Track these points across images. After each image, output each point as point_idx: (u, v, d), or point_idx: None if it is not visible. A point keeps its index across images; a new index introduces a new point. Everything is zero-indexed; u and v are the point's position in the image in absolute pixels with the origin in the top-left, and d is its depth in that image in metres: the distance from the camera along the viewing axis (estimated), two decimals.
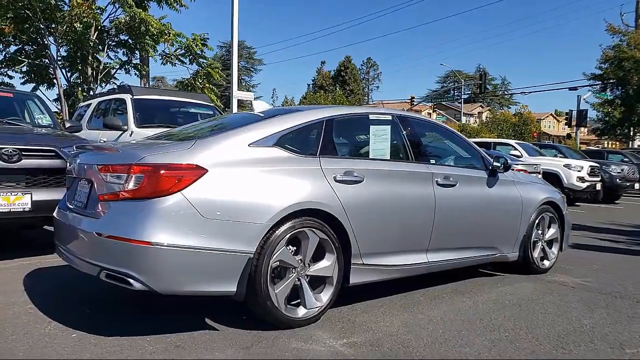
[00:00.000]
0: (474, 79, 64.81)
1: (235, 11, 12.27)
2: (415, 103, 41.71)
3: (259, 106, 3.81)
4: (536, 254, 4.64)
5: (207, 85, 14.40)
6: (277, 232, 2.89)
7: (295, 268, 3.03)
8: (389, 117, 3.80)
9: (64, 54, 13.84)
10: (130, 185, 2.68)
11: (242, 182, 2.84)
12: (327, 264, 3.15)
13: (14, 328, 2.94)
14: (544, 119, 69.03)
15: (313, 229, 3.05)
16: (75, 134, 5.84)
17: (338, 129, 3.46)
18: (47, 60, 13.66)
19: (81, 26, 12.36)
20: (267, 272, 2.86)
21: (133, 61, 14.55)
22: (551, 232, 4.83)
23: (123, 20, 13.00)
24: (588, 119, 32.93)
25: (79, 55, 13.37)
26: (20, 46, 13.87)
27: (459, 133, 4.42)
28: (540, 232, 4.70)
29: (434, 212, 3.72)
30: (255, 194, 2.85)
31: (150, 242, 2.56)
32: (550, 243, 4.84)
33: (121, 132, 6.93)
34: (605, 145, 42.02)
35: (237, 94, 12.41)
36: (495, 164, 4.27)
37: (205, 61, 14.68)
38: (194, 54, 14.28)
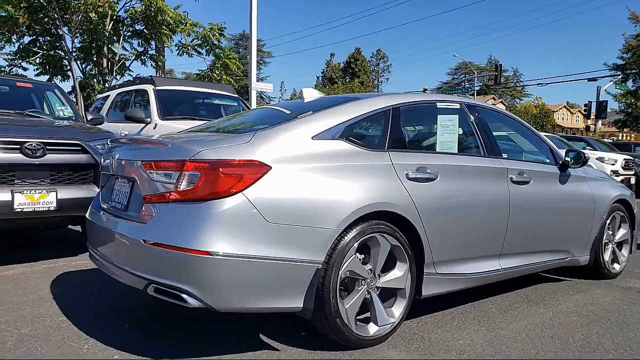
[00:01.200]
0: (486, 70, 64.00)
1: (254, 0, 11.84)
2: None
3: (309, 94, 3.40)
4: (607, 257, 4.22)
5: (224, 76, 14.00)
6: (346, 238, 2.50)
7: (365, 279, 2.64)
8: (457, 105, 3.38)
9: (79, 45, 13.52)
10: (183, 185, 2.30)
11: (308, 180, 2.45)
12: (398, 274, 2.75)
13: (46, 346, 2.59)
14: (556, 111, 67.91)
15: (384, 234, 2.66)
16: (98, 126, 5.47)
17: (405, 119, 3.05)
18: (61, 52, 13.33)
19: (96, 16, 12.00)
20: (336, 285, 2.48)
21: (149, 52, 14.16)
22: (621, 232, 4.40)
23: (139, 9, 12.61)
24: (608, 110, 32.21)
25: (93, 46, 13.01)
26: (34, 37, 13.54)
27: (526, 123, 3.99)
28: (610, 233, 4.28)
29: (509, 212, 3.31)
30: (322, 195, 2.46)
31: (209, 251, 2.18)
32: (620, 245, 4.42)
33: (144, 124, 6.57)
34: (620, 138, 41.18)
35: (255, 85, 12.01)
36: (566, 158, 3.85)
37: (221, 52, 14.28)
38: (211, 45, 13.87)
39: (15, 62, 13.55)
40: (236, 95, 7.95)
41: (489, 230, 3.23)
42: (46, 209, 4.05)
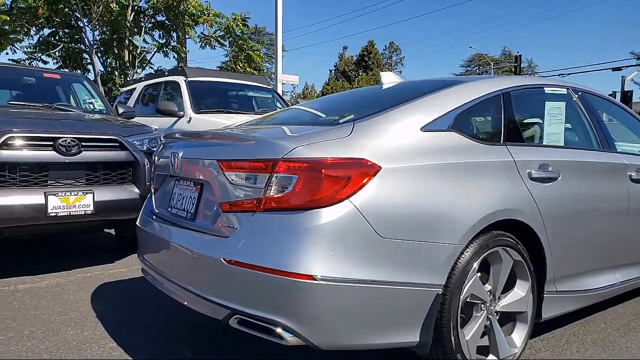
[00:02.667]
0: (500, 61, 62.77)
1: None
2: None
3: (388, 78, 2.91)
4: None
5: (247, 69, 13.52)
6: (466, 254, 2.02)
7: (485, 303, 2.15)
8: (564, 91, 2.87)
9: (99, 37, 13.09)
10: (274, 191, 1.83)
11: (421, 183, 1.96)
12: (520, 295, 2.27)
13: None
14: None
15: (507, 248, 2.18)
16: (132, 120, 5.03)
17: (516, 106, 2.54)
18: (81, 45, 12.94)
19: (117, 6, 11.57)
20: (457, 312, 2.00)
21: (171, 43, 13.68)
22: None
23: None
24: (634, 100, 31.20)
25: (114, 38, 12.60)
26: (53, 29, 13.17)
27: (633, 112, 3.46)
28: None
29: (628, 215, 2.80)
30: (439, 202, 1.97)
31: (312, 275, 1.70)
32: None
33: (176, 119, 6.13)
34: None
35: (281, 77, 11.52)
36: None
37: (245, 43, 13.77)
38: (234, 36, 13.37)
39: (35, 55, 13.20)
40: (270, 87, 7.47)
41: (608, 237, 2.73)
42: (82, 212, 3.62)
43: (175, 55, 13.55)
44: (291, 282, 1.71)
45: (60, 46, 13.02)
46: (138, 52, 12.95)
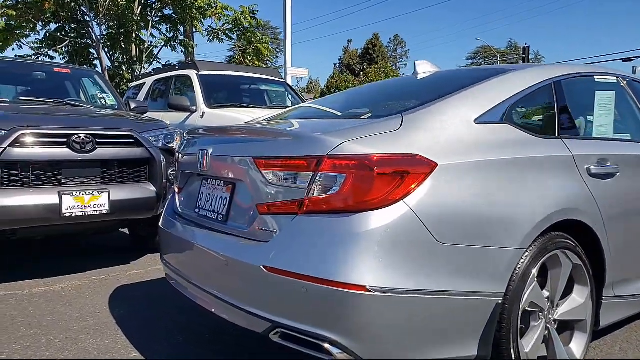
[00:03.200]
0: (506, 53, 62.18)
1: None
2: None
3: (423, 68, 2.72)
4: None
5: (256, 62, 13.31)
6: (525, 259, 1.84)
7: (543, 312, 1.98)
8: (614, 79, 2.68)
9: (106, 32, 12.89)
10: (318, 191, 1.65)
11: (478, 181, 1.78)
12: (579, 302, 2.09)
13: None
14: None
15: (566, 251, 1.99)
16: (144, 115, 4.86)
17: (568, 96, 2.35)
18: (88, 40, 12.76)
19: (124, 0, 11.37)
20: (517, 323, 1.83)
21: (179, 37, 13.47)
22: None
23: None
24: None
25: (121, 33, 12.41)
26: (60, 24, 12.99)
27: None
28: None
29: None
30: (497, 202, 1.79)
31: (365, 285, 1.53)
32: None
33: (189, 114, 5.96)
34: None
35: (291, 71, 11.32)
36: None
37: (253, 36, 13.54)
38: (242, 29, 13.15)
39: (42, 50, 13.05)
40: (283, 80, 7.28)
41: None
42: (98, 212, 3.46)
43: (183, 50, 13.36)
44: (341, 293, 1.53)
45: (67, 41, 12.84)
46: (145, 46, 12.75)
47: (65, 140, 3.38)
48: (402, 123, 1.78)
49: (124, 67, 12.86)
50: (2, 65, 4.75)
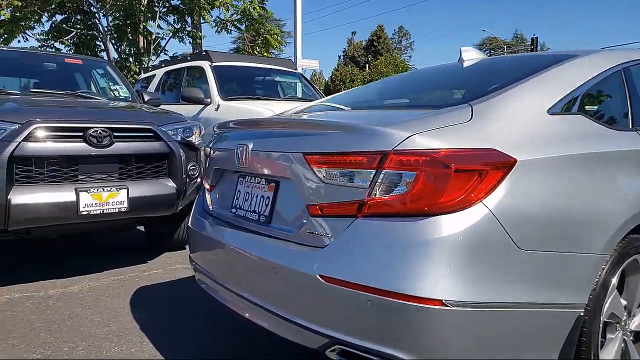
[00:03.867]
0: (513, 45, 61.60)
1: None
2: None
3: (469, 55, 2.52)
4: None
5: (265, 54, 13.06)
6: (606, 265, 1.65)
7: (620, 322, 1.79)
8: None
9: (112, 23, 12.66)
10: (383, 191, 1.46)
11: (557, 179, 1.59)
12: None
13: None
14: None
15: None
16: (159, 107, 4.67)
17: (638, 84, 2.14)
18: (95, 32, 12.54)
19: None
20: (598, 336, 1.64)
21: (186, 28, 13.20)
22: None
23: None
24: None
25: (128, 24, 12.17)
26: (66, 15, 12.77)
27: None
28: None
29: None
30: (579, 201, 1.60)
31: (442, 299, 1.34)
32: None
33: (203, 106, 5.77)
34: None
35: (301, 63, 11.09)
36: None
37: (262, 27, 13.28)
38: (251, 19, 12.88)
39: (48, 42, 12.83)
40: (298, 71, 7.07)
41: None
42: (116, 210, 3.28)
43: (191, 41, 13.11)
44: (414, 307, 1.35)
45: (73, 33, 12.61)
46: (153, 38, 12.51)
47: (81, 134, 3.20)
48: (472, 114, 1.58)
49: (131, 59, 12.64)
50: (11, 55, 4.56)
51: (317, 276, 1.49)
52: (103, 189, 3.22)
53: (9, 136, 2.96)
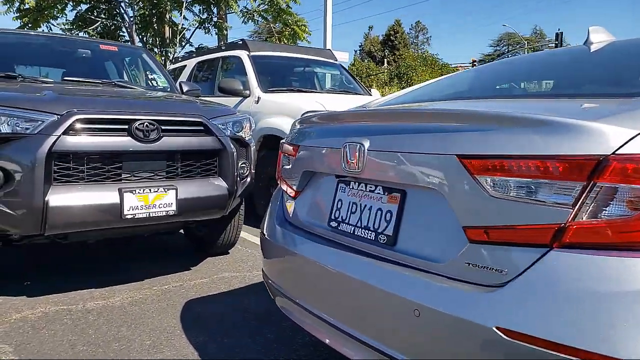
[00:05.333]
0: (531, 40, 60.39)
1: None
2: (475, 66, 38.97)
3: (599, 36, 2.10)
4: None
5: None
6: None
7: None
8: None
9: (137, 13, 12.33)
10: (594, 213, 1.04)
11: None
12: None
13: None
14: None
15: None
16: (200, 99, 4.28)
17: None
18: (119, 19, 12.23)
19: None
20: None
21: (213, 19, 12.82)
22: None
23: None
24: None
25: (154, 13, 11.83)
26: (91, 4, 12.49)
27: None
28: None
29: None
30: None
31: None
32: None
33: (241, 98, 5.37)
34: None
35: None
36: None
37: (290, 17, 12.85)
38: (278, 10, 12.45)
39: (72, 32, 12.54)
40: (338, 62, 6.64)
41: None
42: (164, 213, 2.90)
43: (217, 31, 12.72)
44: None
45: (98, 22, 12.32)
46: (179, 28, 12.14)
47: (126, 127, 2.82)
48: None
49: (155, 50, 12.30)
50: (43, 41, 4.20)
51: (493, 329, 1.07)
52: (150, 190, 2.84)
53: (47, 129, 2.60)
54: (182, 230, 4.17)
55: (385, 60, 58.15)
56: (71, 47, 4.20)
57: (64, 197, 2.63)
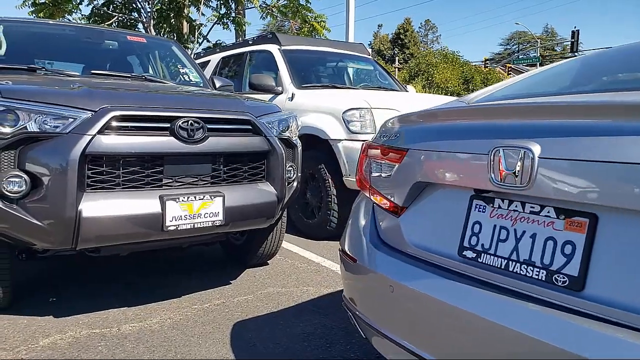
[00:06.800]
0: (542, 39, 59.70)
1: None
2: (487, 65, 38.40)
3: None
4: None
5: None
6: None
7: None
8: None
9: (156, 8, 12.00)
10: None
11: None
12: None
13: None
14: None
15: None
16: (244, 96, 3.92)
17: None
18: (135, 14, 11.92)
19: None
20: None
21: (231, 14, 12.45)
22: None
23: None
24: None
25: (172, 8, 11.49)
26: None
27: None
28: None
29: None
30: None
31: None
32: None
33: (273, 95, 5.01)
34: None
35: None
36: None
37: (309, 13, 12.46)
38: (297, 5, 12.07)
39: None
40: (371, 57, 6.26)
41: None
42: (210, 224, 2.54)
43: (236, 27, 12.35)
44: None
45: (115, 17, 12.01)
46: (197, 23, 11.79)
47: (168, 125, 2.46)
48: None
49: None
50: (66, 31, 3.86)
51: None
52: (195, 197, 2.48)
53: (80, 127, 2.24)
54: None
55: (396, 58, 57.62)
56: (97, 38, 3.85)
57: (100, 206, 2.28)
